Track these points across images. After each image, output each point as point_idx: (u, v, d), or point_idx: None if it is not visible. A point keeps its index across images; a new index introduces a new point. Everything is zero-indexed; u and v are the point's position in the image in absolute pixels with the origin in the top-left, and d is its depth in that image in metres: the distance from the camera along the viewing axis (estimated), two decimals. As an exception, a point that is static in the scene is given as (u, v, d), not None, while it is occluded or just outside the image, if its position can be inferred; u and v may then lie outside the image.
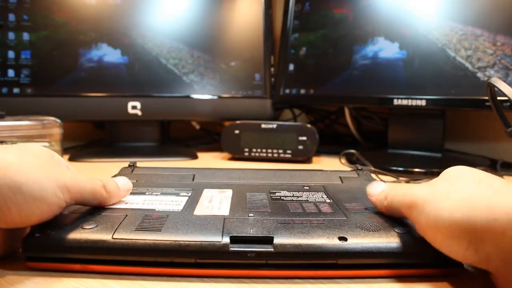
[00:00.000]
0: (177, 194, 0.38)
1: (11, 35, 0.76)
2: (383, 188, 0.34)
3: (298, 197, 0.38)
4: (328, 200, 0.37)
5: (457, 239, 0.24)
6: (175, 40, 0.82)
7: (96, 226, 0.29)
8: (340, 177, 0.46)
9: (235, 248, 0.27)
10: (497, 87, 0.44)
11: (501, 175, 0.62)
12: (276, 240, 0.27)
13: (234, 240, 0.27)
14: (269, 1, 0.87)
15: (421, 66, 0.71)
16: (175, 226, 0.29)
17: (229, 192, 0.39)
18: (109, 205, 0.33)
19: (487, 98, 0.48)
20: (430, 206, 0.26)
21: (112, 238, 0.27)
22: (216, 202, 0.35)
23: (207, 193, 0.39)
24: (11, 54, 0.76)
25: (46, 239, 0.28)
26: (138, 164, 0.49)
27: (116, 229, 0.28)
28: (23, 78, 0.77)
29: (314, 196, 0.38)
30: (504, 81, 0.44)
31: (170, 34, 0.82)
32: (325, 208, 0.34)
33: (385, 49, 0.74)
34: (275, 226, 0.29)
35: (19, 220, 0.26)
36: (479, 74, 0.66)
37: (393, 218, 0.31)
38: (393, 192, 0.32)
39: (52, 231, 0.28)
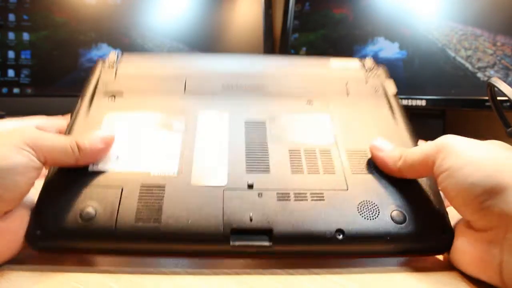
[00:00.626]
0: (170, 128, 0.34)
1: (11, 35, 0.76)
2: (395, 147, 0.32)
3: (300, 127, 0.35)
4: (331, 139, 0.34)
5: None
6: (175, 40, 0.82)
7: (95, 214, 0.28)
8: (346, 87, 0.39)
9: (235, 242, 0.28)
10: (497, 87, 0.43)
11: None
12: (275, 231, 0.28)
13: (235, 231, 0.28)
14: (269, 1, 0.87)
15: (421, 66, 0.71)
16: (174, 212, 0.28)
17: (225, 120, 0.35)
18: (90, 162, 0.31)
19: (487, 98, 0.48)
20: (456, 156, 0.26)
21: (116, 231, 0.28)
22: (214, 155, 0.32)
23: (202, 123, 0.35)
24: (11, 54, 0.76)
25: (47, 237, 0.28)
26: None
27: (117, 219, 0.28)
28: (23, 78, 0.77)
29: (317, 125, 0.35)
30: (504, 81, 0.43)
31: (170, 34, 0.82)
32: (328, 167, 0.32)
33: (385, 49, 0.74)
34: (274, 209, 0.29)
35: (8, 196, 0.26)
36: (479, 74, 0.66)
37: (394, 191, 0.31)
38: (408, 152, 0.30)
39: (51, 227, 0.28)
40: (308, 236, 0.28)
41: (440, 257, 0.30)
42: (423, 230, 0.29)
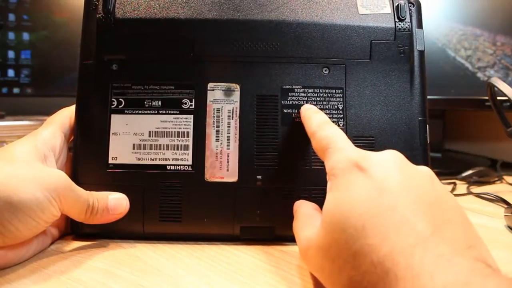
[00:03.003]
0: (179, 107, 0.33)
1: (11, 35, 0.76)
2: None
3: (313, 104, 0.34)
4: (341, 121, 0.34)
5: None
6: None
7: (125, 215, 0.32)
8: (370, 48, 0.36)
9: (243, 237, 0.33)
10: (497, 87, 0.44)
11: (500, 175, 0.62)
12: (276, 232, 0.33)
13: (243, 228, 0.33)
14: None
15: (421, 66, 0.71)
16: (192, 211, 0.32)
17: (236, 95, 0.34)
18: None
19: (487, 98, 0.48)
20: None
21: (144, 232, 0.32)
22: (225, 144, 0.33)
23: (212, 100, 0.34)
24: (11, 54, 0.76)
25: (83, 233, 0.33)
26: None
27: (144, 221, 0.32)
28: (23, 78, 0.77)
29: (330, 101, 0.34)
30: (504, 81, 0.44)
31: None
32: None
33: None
34: (278, 208, 0.32)
35: (22, 234, 0.27)
36: (479, 74, 0.66)
37: None
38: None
39: (87, 228, 0.32)
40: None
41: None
42: None
